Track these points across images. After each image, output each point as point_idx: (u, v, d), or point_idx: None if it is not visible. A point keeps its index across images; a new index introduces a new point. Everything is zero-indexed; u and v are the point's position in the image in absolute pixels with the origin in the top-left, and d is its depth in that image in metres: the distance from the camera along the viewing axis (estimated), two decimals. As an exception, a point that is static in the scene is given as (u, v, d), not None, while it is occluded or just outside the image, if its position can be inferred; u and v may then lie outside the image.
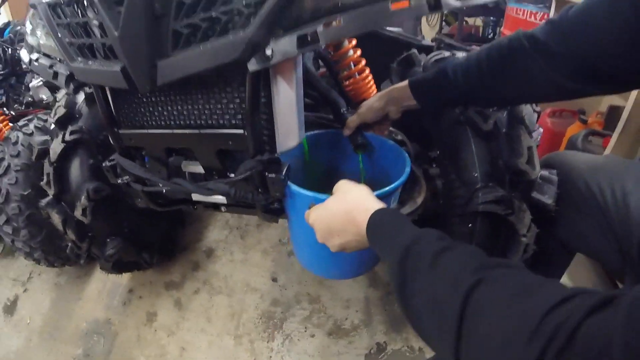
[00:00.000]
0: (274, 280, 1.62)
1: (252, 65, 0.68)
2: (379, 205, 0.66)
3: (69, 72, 0.92)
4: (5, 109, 2.03)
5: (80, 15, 0.83)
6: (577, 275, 1.41)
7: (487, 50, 0.82)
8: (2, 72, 2.10)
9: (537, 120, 1.06)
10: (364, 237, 0.65)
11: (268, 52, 0.66)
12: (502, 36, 2.53)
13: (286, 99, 0.78)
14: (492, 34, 2.99)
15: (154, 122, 0.92)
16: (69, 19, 0.85)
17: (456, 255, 0.51)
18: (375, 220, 0.64)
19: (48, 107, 2.20)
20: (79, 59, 0.87)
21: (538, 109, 1.02)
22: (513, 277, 0.45)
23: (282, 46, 0.65)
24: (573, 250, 0.99)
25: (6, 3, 2.18)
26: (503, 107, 0.94)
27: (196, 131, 0.86)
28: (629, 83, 0.70)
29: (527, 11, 2.28)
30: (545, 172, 0.94)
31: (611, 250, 0.81)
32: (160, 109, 0.89)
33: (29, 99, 2.21)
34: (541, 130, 2.00)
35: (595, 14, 0.66)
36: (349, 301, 1.49)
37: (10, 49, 2.13)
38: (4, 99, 2.10)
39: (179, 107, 0.87)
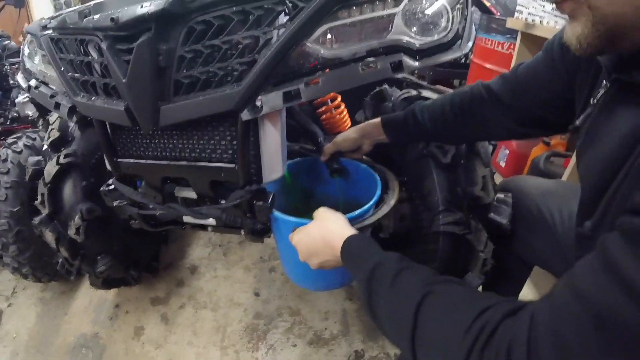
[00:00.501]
0: (257, 294, 1.75)
1: (245, 116, 0.83)
2: (351, 232, 0.81)
3: (70, 105, 1.02)
4: (-9, 124, 2.10)
5: (83, 53, 0.94)
6: (541, 284, 1.58)
7: (451, 97, 1.01)
8: (-12, 87, 2.17)
9: (494, 152, 1.23)
10: (339, 258, 0.80)
11: (258, 104, 0.82)
12: (473, 63, 2.75)
13: (272, 140, 0.93)
14: (464, 59, 3.21)
15: (151, 154, 1.05)
16: (72, 55, 0.96)
17: (410, 274, 0.65)
18: (347, 245, 0.78)
19: (33, 123, 2.28)
20: (82, 94, 0.99)
21: (494, 142, 1.20)
22: (453, 290, 0.60)
23: (271, 100, 0.81)
24: (528, 264, 1.15)
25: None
26: (462, 144, 1.12)
27: (192, 163, 1.00)
28: (561, 129, 0.89)
29: (495, 41, 2.47)
30: (501, 195, 1.10)
31: (559, 264, 0.97)
32: (158, 142, 1.02)
33: (14, 114, 2.29)
34: (507, 151, 2.19)
35: (538, 75, 0.87)
36: (328, 313, 1.63)
37: (-3, 65, 2.21)
38: (-10, 114, 2.17)
39: (177, 142, 1.00)
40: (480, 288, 1.16)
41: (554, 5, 0.56)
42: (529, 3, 2.02)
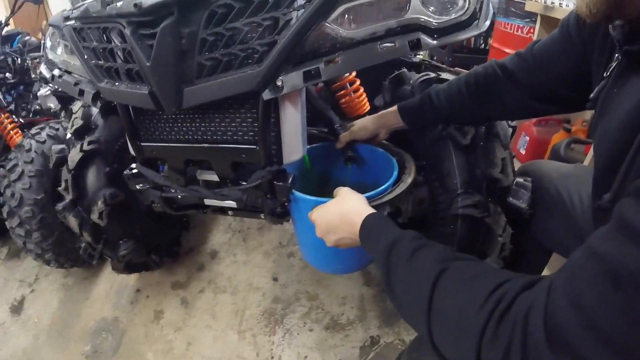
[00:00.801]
0: (275, 279, 1.79)
1: (266, 95, 0.86)
2: (370, 210, 0.84)
3: (95, 91, 1.07)
4: (14, 116, 2.17)
5: (106, 41, 0.98)
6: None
7: (465, 78, 1.02)
8: (11, 80, 2.24)
9: (514, 134, 1.23)
10: (357, 236, 0.82)
11: (279, 83, 0.84)
12: (492, 48, 2.73)
13: (292, 120, 0.96)
14: (483, 44, 3.18)
15: (174, 137, 1.09)
16: (95, 43, 1.00)
17: (427, 251, 0.67)
18: (367, 223, 0.81)
19: (55, 115, 2.35)
20: (106, 80, 1.03)
21: (514, 124, 1.21)
22: (469, 266, 0.62)
23: (291, 79, 0.84)
24: (547, 249, 1.15)
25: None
26: (480, 125, 1.13)
27: (214, 145, 1.03)
28: (579, 105, 0.90)
29: (515, 25, 2.46)
30: (520, 179, 1.11)
31: (577, 246, 0.98)
32: (181, 125, 1.06)
33: (37, 107, 2.36)
34: (527, 138, 2.18)
35: (555, 51, 0.88)
36: (345, 298, 1.66)
37: (19, 59, 2.28)
38: (12, 106, 2.24)
39: (199, 125, 1.03)
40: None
41: None
42: (548, -15, 2.01)
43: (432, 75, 1.22)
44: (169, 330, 1.63)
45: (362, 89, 1.23)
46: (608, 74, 0.67)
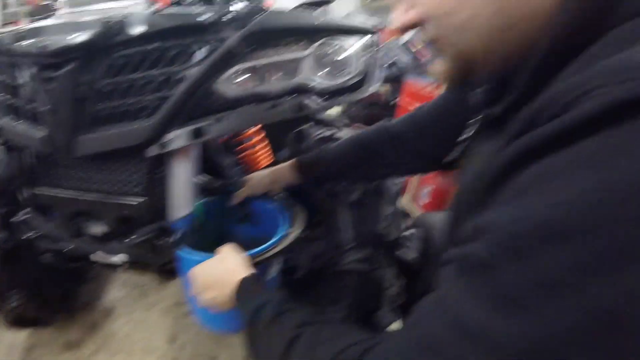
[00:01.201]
0: (173, 340, 1.70)
1: (153, 151, 0.88)
2: (248, 272, 0.84)
3: None
4: None
5: (13, 76, 0.96)
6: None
7: (356, 138, 1.09)
8: None
9: (404, 190, 1.32)
10: (232, 298, 0.82)
11: (167, 140, 0.86)
12: (400, 104, 2.93)
13: (180, 177, 0.97)
14: (394, 101, 3.43)
15: (66, 184, 1.06)
16: (3, 76, 0.98)
17: (288, 316, 0.68)
18: (241, 285, 0.81)
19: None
20: (8, 117, 1.00)
21: (399, 181, 1.30)
22: (322, 330, 0.63)
23: (178, 137, 0.86)
24: None
25: None
26: (368, 182, 1.20)
27: (103, 197, 1.01)
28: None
29: (421, 84, 2.66)
30: (410, 232, 1.19)
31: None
32: (74, 173, 1.04)
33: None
34: (431, 188, 2.32)
35: (439, 115, 0.95)
36: (247, 358, 1.61)
37: None
38: None
39: (90, 174, 1.02)
40: (395, 324, 1.21)
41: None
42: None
43: (328, 133, 1.29)
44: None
45: (263, 143, 1.27)
46: (467, 137, 0.73)
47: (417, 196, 2.50)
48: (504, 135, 0.46)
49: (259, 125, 1.27)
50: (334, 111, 1.60)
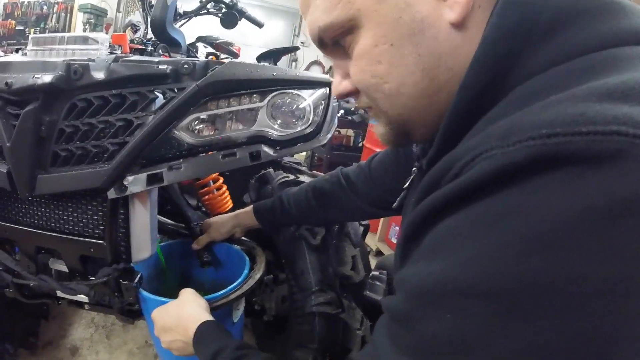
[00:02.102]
0: (138, 383, 1.65)
1: (111, 194, 0.88)
2: (206, 318, 0.86)
3: None
4: None
5: None
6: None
7: (313, 184, 1.13)
8: None
9: (365, 234, 1.35)
10: (190, 341, 0.83)
11: (125, 183, 0.87)
12: (365, 148, 3.02)
13: (140, 219, 0.98)
14: (361, 143, 3.54)
15: (28, 221, 1.04)
16: None
17: None
18: (199, 330, 0.83)
19: None
20: None
21: (365, 222, 1.33)
22: None
23: (136, 181, 0.87)
24: None
25: None
26: (327, 226, 1.23)
27: (64, 236, 1.00)
28: None
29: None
30: (376, 273, 1.19)
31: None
32: (35, 210, 1.03)
33: None
34: (397, 229, 2.37)
35: (387, 165, 1.01)
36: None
37: None
38: None
39: (52, 212, 1.01)
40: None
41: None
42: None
43: (291, 177, 1.33)
44: None
45: (224, 187, 1.29)
46: (406, 185, 0.77)
47: (387, 235, 2.54)
48: (418, 189, 0.49)
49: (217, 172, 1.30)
50: (300, 155, 1.64)
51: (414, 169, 0.74)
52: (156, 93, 0.87)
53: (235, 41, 1.87)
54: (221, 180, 1.27)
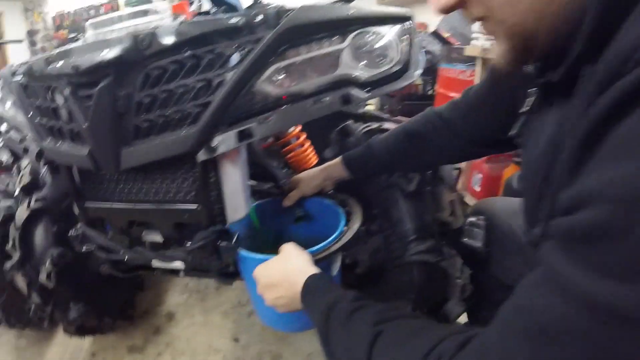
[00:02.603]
0: (236, 340, 1.72)
1: (201, 156, 0.86)
2: (314, 270, 0.82)
3: (38, 149, 1.05)
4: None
5: (50, 99, 0.97)
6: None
7: (404, 127, 1.06)
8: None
9: (459, 177, 1.26)
10: (297, 296, 0.80)
11: (214, 144, 0.85)
12: (438, 93, 2.83)
13: (232, 179, 0.96)
14: (430, 90, 3.32)
15: (117, 197, 1.07)
16: (40, 100, 1.00)
17: (363, 313, 0.65)
18: (308, 284, 0.79)
19: (7, 169, 2.29)
20: (49, 139, 1.02)
21: (459, 166, 1.24)
22: (405, 326, 0.61)
23: (225, 140, 0.84)
24: (508, 285, 1.16)
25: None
26: (422, 171, 1.15)
27: (156, 206, 1.01)
28: (514, 145, 0.93)
29: (457, 70, 2.56)
30: (473, 219, 1.12)
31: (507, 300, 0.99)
32: (123, 186, 1.05)
33: (-12, 159, 2.29)
34: (480, 176, 2.23)
35: (486, 96, 0.92)
36: (311, 355, 1.61)
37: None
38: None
39: (141, 184, 1.02)
40: (463, 316, 1.17)
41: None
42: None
43: (375, 125, 1.25)
44: (127, 398, 1.55)
45: (308, 143, 1.25)
46: (528, 109, 0.69)
47: (469, 183, 2.41)
48: (577, 98, 0.44)
49: (300, 126, 1.25)
50: (369, 107, 1.55)
51: (529, 90, 0.67)
52: (231, 49, 0.82)
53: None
54: (304, 135, 1.23)
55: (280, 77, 0.84)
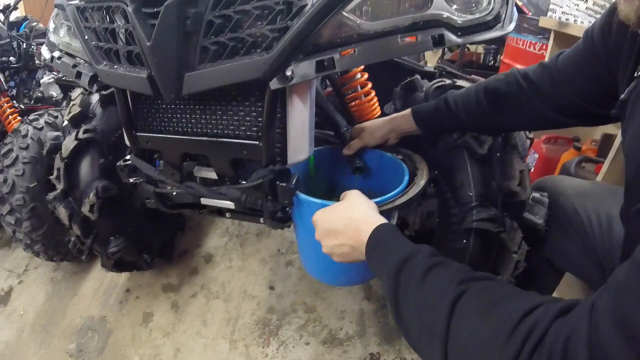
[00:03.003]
0: (271, 288, 1.71)
1: (274, 85, 0.80)
2: (382, 220, 0.75)
3: (92, 73, 1.01)
4: (15, 102, 2.13)
5: (108, 21, 0.93)
6: (567, 295, 1.50)
7: (485, 85, 0.97)
8: (15, 65, 2.19)
9: (531, 146, 1.17)
10: (360, 246, 0.73)
11: (288, 73, 0.78)
12: (502, 64, 2.68)
13: (300, 116, 0.89)
14: (492, 62, 3.16)
15: (172, 128, 1.02)
16: (97, 23, 0.95)
17: (444, 270, 0.60)
18: (376, 234, 0.72)
19: (57, 104, 2.30)
20: (104, 62, 0.97)
21: (531, 135, 1.14)
22: (492, 288, 0.55)
23: (302, 69, 0.77)
24: (560, 269, 1.08)
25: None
26: (498, 134, 1.06)
27: (213, 139, 0.96)
28: (602, 119, 0.86)
29: (527, 42, 2.40)
30: (536, 195, 1.05)
31: (594, 271, 0.91)
32: (180, 115, 1.00)
33: (39, 94, 2.32)
34: (536, 155, 2.11)
35: (579, 63, 0.84)
36: (344, 312, 1.58)
37: (24, 44, 2.23)
38: (14, 92, 2.20)
39: (199, 116, 0.97)
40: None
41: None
42: (563, 2, 1.96)
43: (448, 81, 1.16)
44: (158, 335, 1.56)
45: (373, 93, 1.17)
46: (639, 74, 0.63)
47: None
48: None
49: (367, 75, 1.17)
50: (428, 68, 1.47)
51: None
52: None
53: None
54: (370, 85, 1.15)
55: (370, 8, 0.75)
